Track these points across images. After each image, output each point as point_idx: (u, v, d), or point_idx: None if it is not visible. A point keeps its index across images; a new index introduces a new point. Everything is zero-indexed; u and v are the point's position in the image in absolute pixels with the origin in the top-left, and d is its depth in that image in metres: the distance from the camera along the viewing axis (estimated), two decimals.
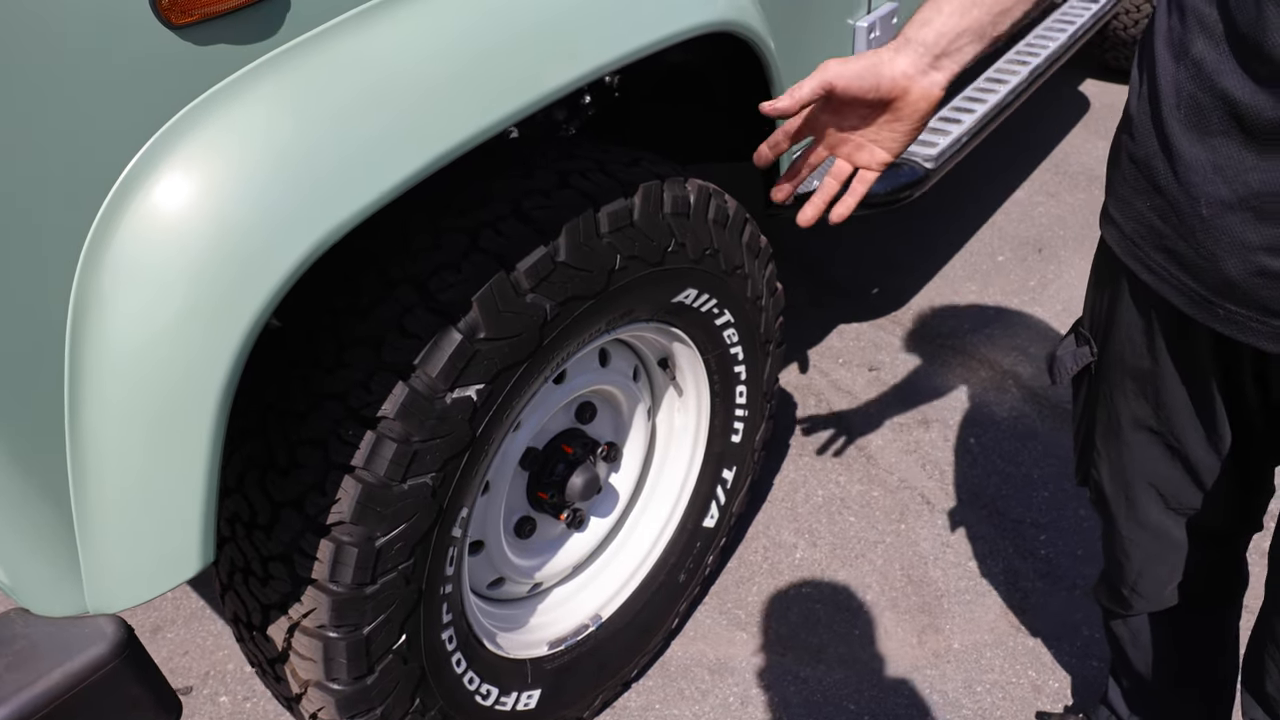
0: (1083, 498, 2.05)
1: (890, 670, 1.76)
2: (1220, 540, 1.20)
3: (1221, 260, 0.85)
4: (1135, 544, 1.19)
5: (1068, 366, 1.17)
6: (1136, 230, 0.96)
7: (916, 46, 0.99)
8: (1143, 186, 0.93)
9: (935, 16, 0.99)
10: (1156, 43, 0.89)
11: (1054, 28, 2.67)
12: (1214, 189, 0.84)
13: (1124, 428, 1.11)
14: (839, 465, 2.20)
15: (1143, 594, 1.23)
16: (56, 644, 0.91)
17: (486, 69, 1.04)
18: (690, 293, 1.46)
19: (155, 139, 0.86)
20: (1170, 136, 0.87)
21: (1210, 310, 0.90)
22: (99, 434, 0.87)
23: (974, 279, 2.77)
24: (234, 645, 1.86)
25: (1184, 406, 1.04)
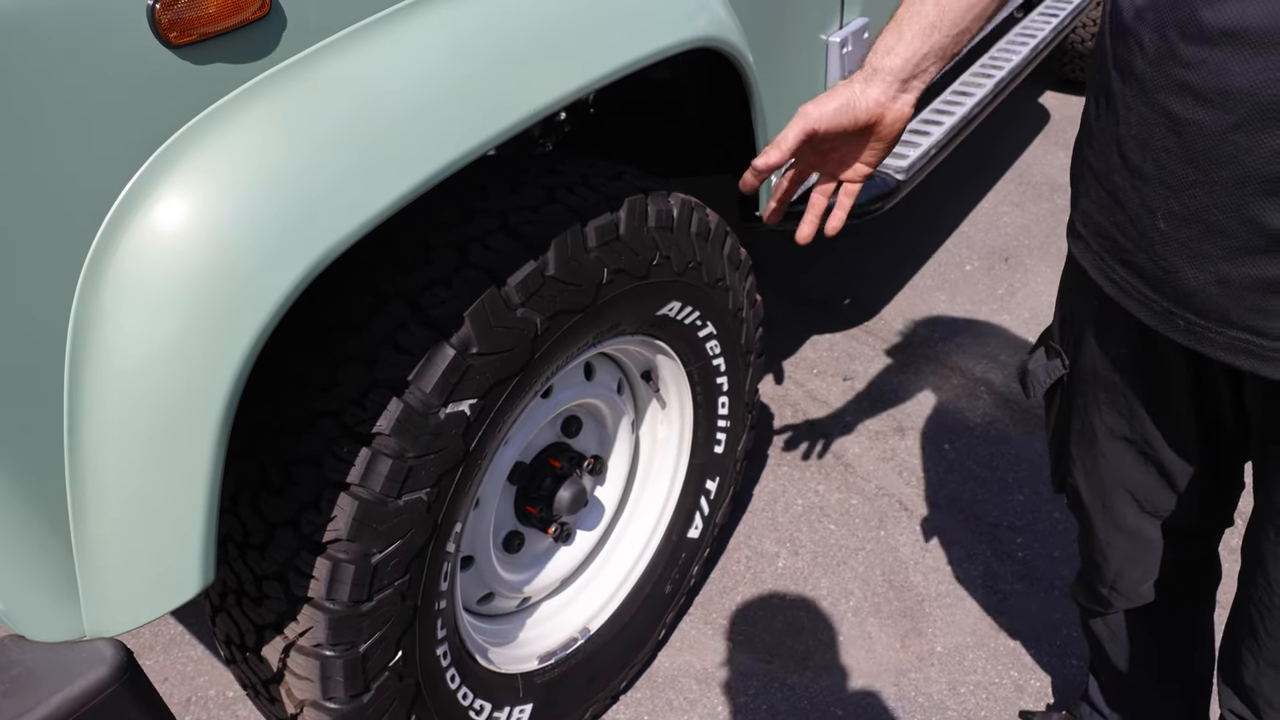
0: (1057, 501, 2.09)
1: (875, 674, 1.79)
2: (1194, 537, 1.23)
3: (1181, 272, 0.88)
4: (1113, 546, 1.22)
5: (1040, 380, 1.20)
6: (1100, 244, 0.99)
7: (885, 75, 1.05)
8: (1104, 201, 0.96)
9: (898, 44, 1.04)
10: (1106, 61, 0.93)
11: (1016, 42, 2.74)
12: (1167, 203, 0.86)
13: (1098, 438, 1.14)
14: (817, 474, 2.23)
15: (1121, 592, 1.27)
16: (55, 669, 0.90)
17: (478, 88, 1.06)
18: (674, 305, 1.48)
19: (154, 158, 0.86)
20: (1126, 152, 0.90)
21: (1171, 322, 0.92)
22: (99, 455, 0.87)
23: (943, 288, 2.83)
24: (215, 671, 1.83)
25: (1155, 415, 1.07)
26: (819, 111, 1.05)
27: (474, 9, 1.08)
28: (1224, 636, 1.15)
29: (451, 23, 1.06)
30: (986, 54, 2.68)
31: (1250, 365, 0.87)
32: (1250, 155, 0.79)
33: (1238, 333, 0.87)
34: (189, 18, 0.85)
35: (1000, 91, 2.51)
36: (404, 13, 1.03)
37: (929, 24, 1.03)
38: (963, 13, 1.02)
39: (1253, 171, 0.79)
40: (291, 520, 1.11)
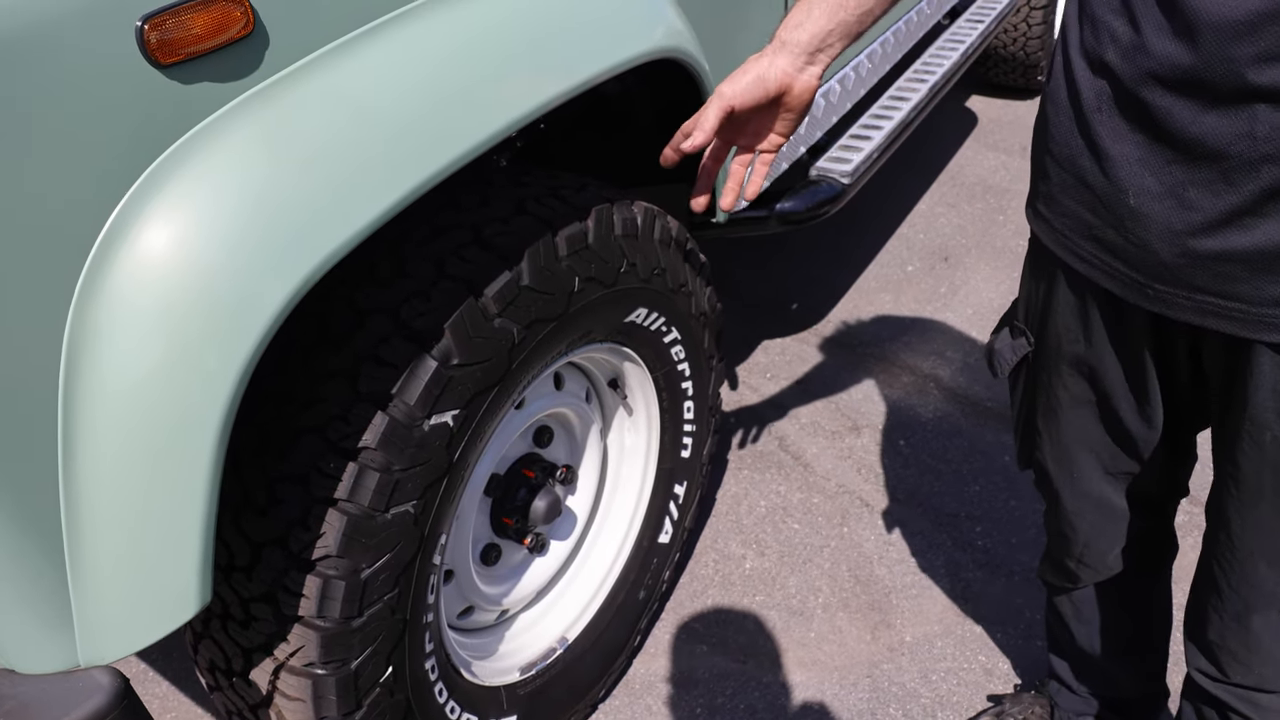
0: (1013, 489, 2.19)
1: (849, 668, 1.84)
2: (1153, 507, 1.32)
3: (1151, 245, 0.96)
4: (1080, 515, 1.30)
5: (1006, 359, 1.28)
6: (1066, 224, 1.07)
7: (792, 48, 1.14)
8: (1069, 183, 1.04)
9: (806, 20, 1.14)
10: (1071, 53, 1.01)
11: (946, 48, 2.86)
12: (1140, 181, 0.95)
13: (1063, 405, 1.22)
14: (778, 476, 2.29)
15: (1088, 564, 1.34)
16: (50, 700, 0.90)
17: (456, 102, 1.09)
18: (641, 311, 1.52)
19: (144, 178, 0.87)
20: (1095, 136, 0.98)
21: (1141, 291, 1.01)
22: (93, 480, 0.88)
23: (887, 289, 2.92)
24: (182, 708, 1.81)
25: (1119, 382, 1.15)
26: (733, 89, 1.15)
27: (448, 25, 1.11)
28: (1189, 598, 1.23)
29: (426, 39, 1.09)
30: (919, 59, 2.80)
31: (1217, 325, 0.96)
32: (1215, 138, 0.87)
33: (1204, 297, 0.95)
34: (176, 38, 0.87)
35: (935, 95, 2.62)
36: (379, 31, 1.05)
37: (835, 3, 1.13)
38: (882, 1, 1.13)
39: (1216, 150, 0.87)
40: (279, 539, 1.12)
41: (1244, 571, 1.08)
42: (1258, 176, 0.87)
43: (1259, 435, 1.00)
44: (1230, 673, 1.17)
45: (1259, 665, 1.14)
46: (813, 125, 2.15)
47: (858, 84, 2.33)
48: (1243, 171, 0.87)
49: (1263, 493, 1.03)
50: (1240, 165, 0.87)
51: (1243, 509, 1.06)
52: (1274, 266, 0.90)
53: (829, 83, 2.19)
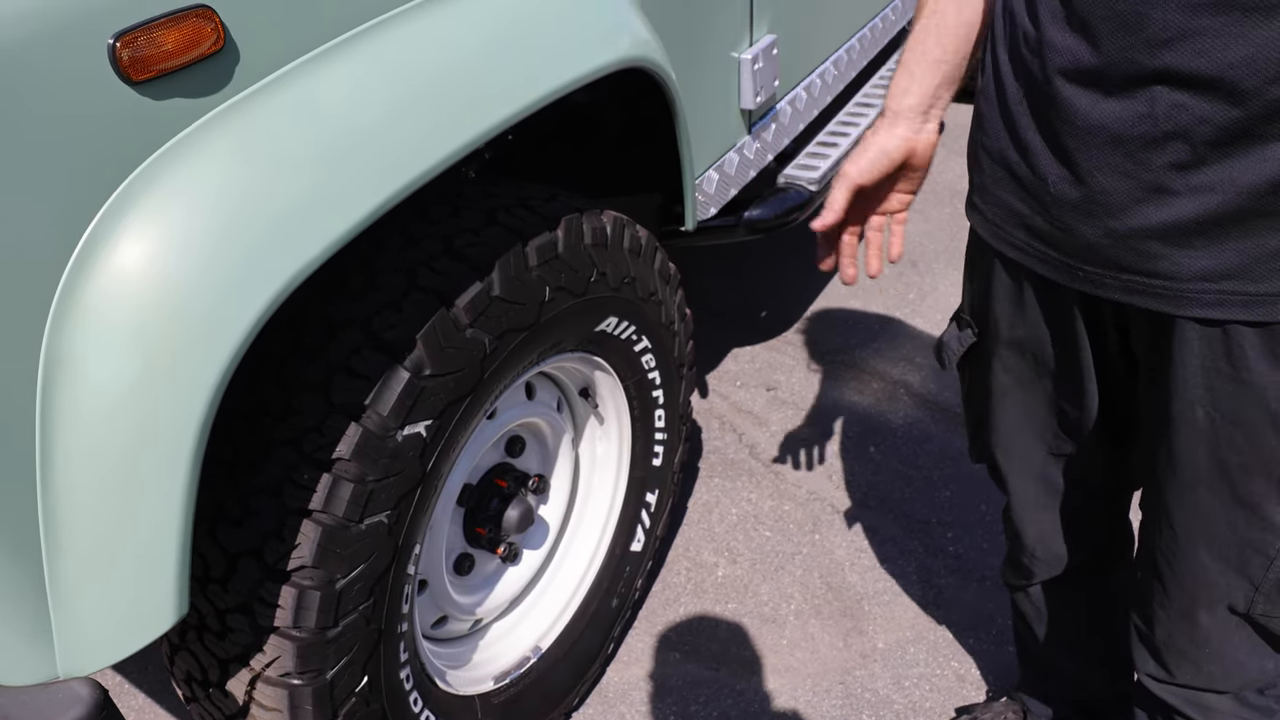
0: (983, 494, 2.26)
1: (821, 674, 1.90)
2: (1104, 495, 1.37)
3: (1076, 228, 1.04)
4: (1029, 504, 1.36)
5: (954, 350, 1.35)
6: (998, 214, 1.15)
7: (906, 114, 1.21)
8: (1000, 175, 1.12)
9: (912, 84, 1.20)
10: (996, 48, 1.09)
11: None
12: (1057, 169, 1.03)
13: (1007, 390, 1.29)
14: (749, 483, 2.35)
15: (1041, 558, 1.41)
16: (30, 712, 0.93)
17: (423, 116, 1.13)
18: (611, 320, 1.57)
19: (116, 196, 0.91)
20: (1017, 129, 1.06)
21: (1071, 273, 1.08)
22: (71, 494, 0.91)
23: (856, 296, 3.00)
24: (159, 718, 1.83)
25: (1055, 363, 1.22)
26: (857, 168, 1.22)
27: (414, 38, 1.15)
28: (1134, 600, 1.28)
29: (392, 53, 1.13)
30: (884, 67, 2.88)
31: (1142, 302, 1.03)
32: (1118, 122, 0.95)
33: (1130, 276, 1.03)
34: (148, 54, 0.90)
35: None
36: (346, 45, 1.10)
37: (934, 60, 1.19)
38: (962, 41, 1.18)
39: (1120, 134, 0.96)
40: (254, 550, 1.15)
41: (1187, 562, 1.12)
42: (1163, 154, 0.94)
43: (1190, 413, 1.05)
44: (1178, 673, 1.21)
45: (1207, 663, 1.19)
46: (780, 132, 2.21)
47: (824, 91, 2.40)
48: (1148, 151, 0.95)
49: (1199, 474, 1.08)
50: (1144, 145, 0.95)
51: (1181, 493, 1.10)
52: (1192, 242, 0.97)
53: (795, 90, 2.26)
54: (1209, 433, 1.05)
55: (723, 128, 1.98)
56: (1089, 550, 1.41)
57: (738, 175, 2.06)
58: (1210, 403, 1.04)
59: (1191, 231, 0.96)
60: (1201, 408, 1.04)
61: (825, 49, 2.42)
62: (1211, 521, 1.09)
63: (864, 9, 2.64)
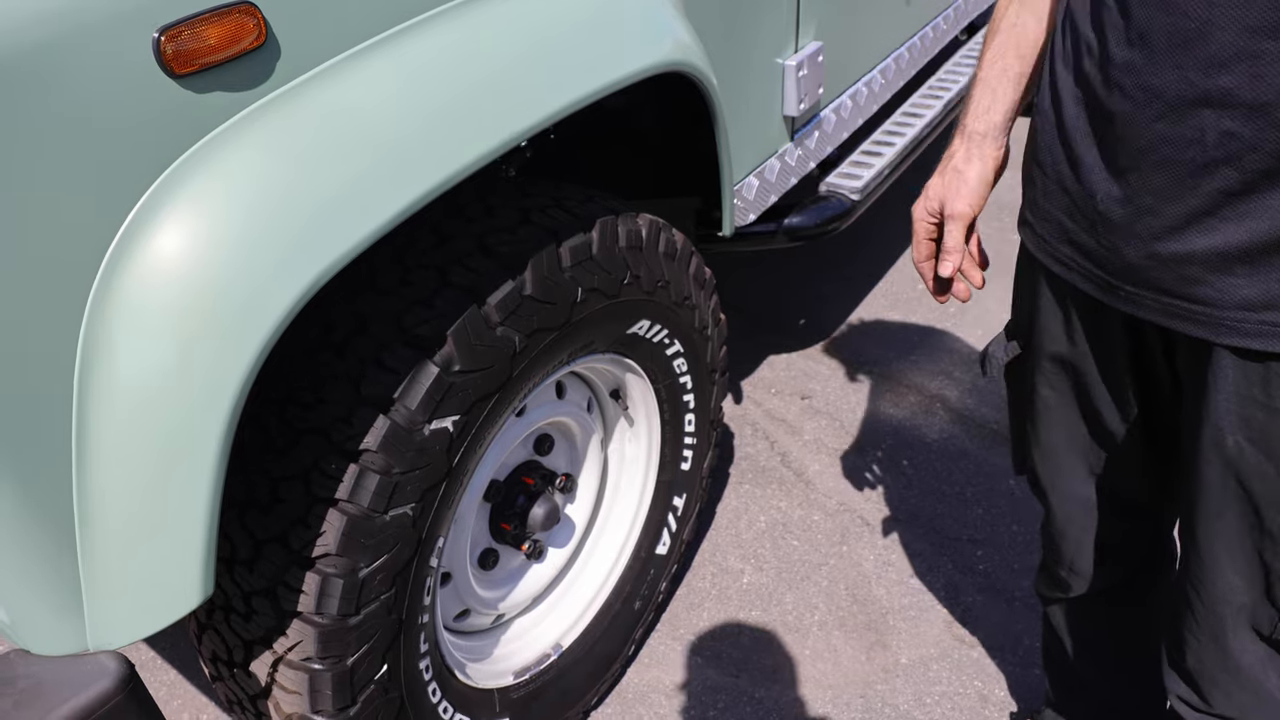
0: (1016, 513, 2.24)
1: (842, 687, 1.90)
2: (1146, 516, 1.36)
3: (1120, 248, 1.04)
4: (1068, 519, 1.36)
5: (998, 359, 1.35)
6: (1046, 229, 1.15)
7: (994, 132, 1.23)
8: (1051, 189, 1.12)
9: (995, 101, 1.22)
10: (1055, 61, 1.09)
11: (962, 63, 2.93)
12: (1107, 187, 1.03)
13: (1050, 406, 1.29)
14: (779, 492, 2.35)
15: (1079, 572, 1.39)
16: (61, 681, 0.96)
17: (461, 114, 1.15)
18: (644, 323, 1.59)
19: (156, 185, 0.94)
20: (1071, 143, 1.07)
21: (1114, 293, 1.08)
22: (104, 473, 0.94)
23: (896, 307, 2.98)
24: (188, 695, 1.88)
25: (1098, 383, 1.22)
26: (968, 202, 1.24)
27: (454, 38, 1.17)
28: (1169, 620, 1.27)
29: (432, 51, 1.16)
30: (934, 76, 2.86)
31: (1181, 327, 1.03)
32: (1168, 144, 0.95)
33: (1170, 299, 1.02)
34: (191, 49, 0.93)
35: (949, 112, 2.68)
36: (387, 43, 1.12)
37: (1016, 75, 1.20)
38: (1038, 53, 1.19)
39: (1170, 156, 0.95)
40: (280, 536, 1.19)
41: (1215, 586, 1.12)
42: (1210, 180, 0.94)
43: (1221, 440, 1.05)
44: (1210, 700, 1.20)
45: (1238, 692, 1.18)
46: (823, 140, 2.21)
47: (870, 100, 2.40)
48: (1196, 176, 0.95)
49: (1226, 501, 1.07)
50: (1193, 170, 0.95)
51: (1209, 519, 1.10)
52: (1234, 268, 0.96)
53: (840, 98, 2.26)
54: (1238, 461, 1.04)
55: (764, 134, 1.98)
56: (1126, 569, 1.40)
57: (778, 182, 2.07)
58: (1242, 431, 1.03)
59: (1235, 259, 0.96)
60: (1233, 435, 1.04)
61: (873, 57, 2.42)
62: (1237, 548, 1.09)
63: (915, 18, 2.63)
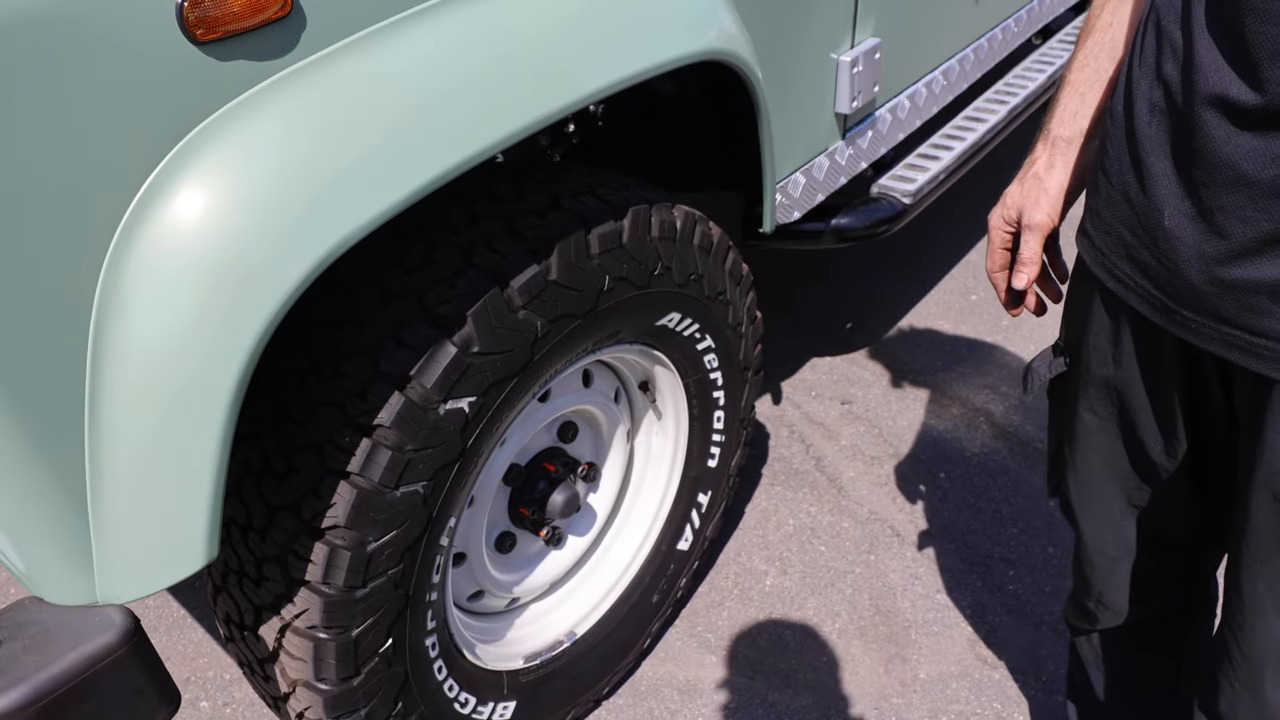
0: (1052, 535, 2.19)
1: (857, 698, 1.87)
2: (1185, 554, 1.30)
3: (1182, 269, 0.98)
4: (1100, 550, 1.30)
5: (1041, 375, 1.29)
6: (1105, 242, 1.09)
7: (1078, 137, 1.18)
8: (1115, 199, 1.06)
9: (1082, 106, 1.17)
10: (1134, 64, 1.02)
11: (1033, 68, 2.85)
12: (1177, 202, 0.96)
13: (1090, 430, 1.23)
14: (810, 496, 2.33)
15: (1108, 605, 1.34)
16: (70, 630, 1.00)
17: (489, 91, 1.15)
18: (674, 316, 1.58)
19: (177, 150, 0.95)
20: (1141, 151, 1.00)
21: (1170, 317, 1.02)
22: (115, 434, 0.97)
23: (947, 316, 2.93)
24: (215, 653, 1.93)
25: (1145, 410, 1.15)
26: (1045, 214, 1.19)
27: (488, 13, 1.17)
28: (1203, 661, 1.22)
29: (465, 27, 1.15)
30: (1001, 80, 2.80)
31: (1242, 360, 0.97)
32: (1249, 160, 0.88)
33: (1231, 330, 0.96)
34: (215, 15, 0.94)
35: (1015, 118, 2.62)
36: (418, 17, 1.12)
37: (1109, 78, 1.15)
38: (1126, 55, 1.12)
39: (1249, 175, 0.89)
40: (292, 506, 1.21)
41: (1255, 634, 1.07)
42: None
43: (1274, 482, 0.99)
44: None
45: None
46: (877, 140, 2.18)
47: (930, 101, 2.36)
48: (1273, 199, 0.88)
49: (1274, 547, 1.02)
50: (1271, 192, 0.88)
51: (1255, 565, 1.04)
52: None
53: (898, 98, 2.22)
54: None
55: (814, 130, 1.96)
56: (1160, 605, 1.35)
57: (826, 180, 2.04)
58: None
59: None
60: None
61: (936, 57, 2.37)
62: None
63: (984, 18, 2.57)
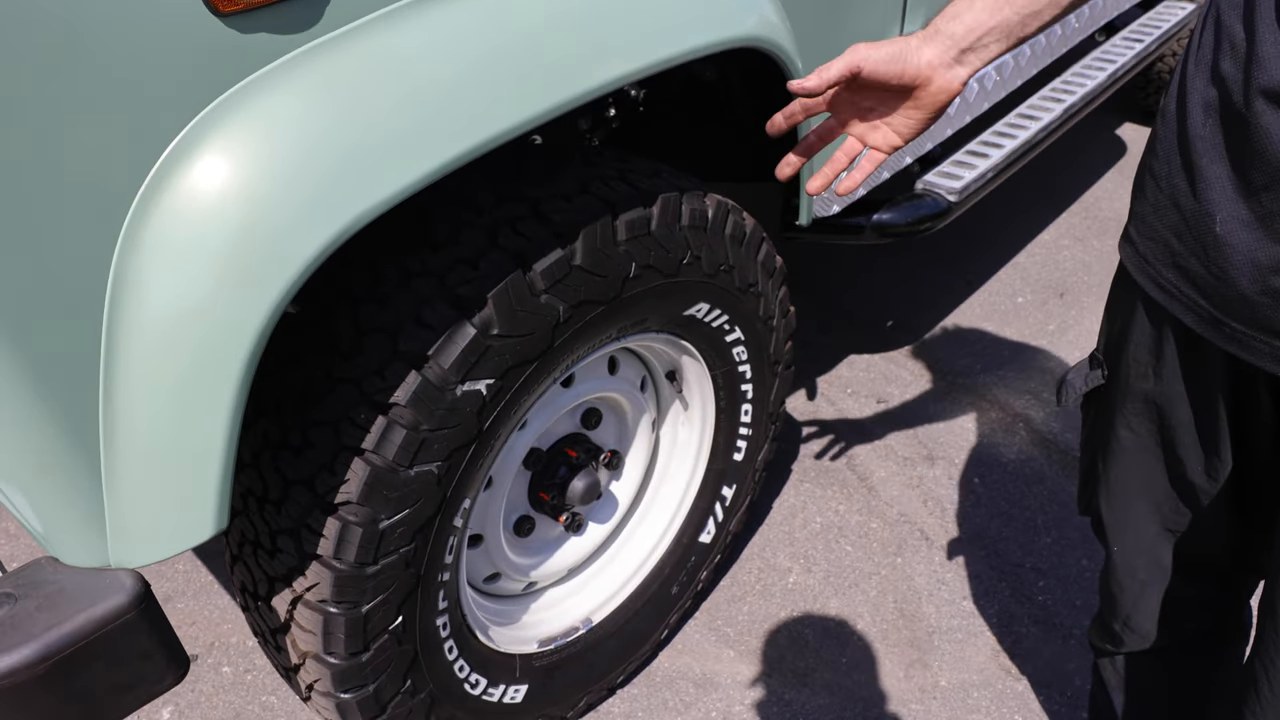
0: (1086, 548, 2.14)
1: (874, 702, 1.85)
2: (1218, 577, 1.25)
3: (1232, 278, 0.92)
4: (1130, 572, 1.25)
5: (1077, 388, 1.24)
6: (1150, 249, 1.04)
7: (944, 39, 1.08)
8: (1162, 203, 1.00)
9: (966, 12, 1.08)
10: (1189, 62, 0.97)
11: (1094, 66, 2.77)
12: (1231, 206, 0.91)
13: (1125, 448, 1.18)
14: (840, 494, 2.30)
15: (1135, 629, 1.30)
16: (82, 591, 1.01)
17: (518, 68, 1.13)
18: (702, 307, 1.56)
19: (195, 122, 0.94)
20: (1193, 154, 0.94)
21: (1218, 329, 0.96)
22: (129, 400, 0.97)
23: (991, 319, 2.87)
24: (239, 620, 1.97)
25: (1187, 427, 1.10)
26: (870, 52, 1.08)
27: None
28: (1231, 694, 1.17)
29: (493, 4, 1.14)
30: (1059, 77, 2.72)
31: None
32: None
33: None
34: None
35: (1069, 118, 2.55)
36: None
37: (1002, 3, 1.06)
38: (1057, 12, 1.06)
39: None
40: (307, 480, 1.22)
41: None
42: None
43: None
44: None
45: None
46: (923, 135, 2.14)
47: (981, 97, 2.30)
48: None
49: None
50: None
51: None
52: None
53: None
54: None
55: None
56: (1190, 631, 1.30)
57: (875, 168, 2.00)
58: None
59: None
60: None
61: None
62: None
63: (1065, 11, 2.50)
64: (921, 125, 1.14)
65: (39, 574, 1.05)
